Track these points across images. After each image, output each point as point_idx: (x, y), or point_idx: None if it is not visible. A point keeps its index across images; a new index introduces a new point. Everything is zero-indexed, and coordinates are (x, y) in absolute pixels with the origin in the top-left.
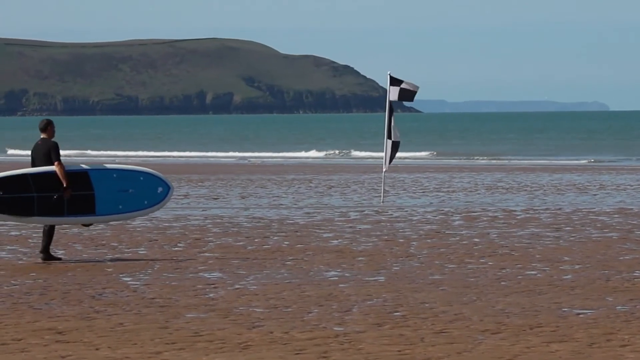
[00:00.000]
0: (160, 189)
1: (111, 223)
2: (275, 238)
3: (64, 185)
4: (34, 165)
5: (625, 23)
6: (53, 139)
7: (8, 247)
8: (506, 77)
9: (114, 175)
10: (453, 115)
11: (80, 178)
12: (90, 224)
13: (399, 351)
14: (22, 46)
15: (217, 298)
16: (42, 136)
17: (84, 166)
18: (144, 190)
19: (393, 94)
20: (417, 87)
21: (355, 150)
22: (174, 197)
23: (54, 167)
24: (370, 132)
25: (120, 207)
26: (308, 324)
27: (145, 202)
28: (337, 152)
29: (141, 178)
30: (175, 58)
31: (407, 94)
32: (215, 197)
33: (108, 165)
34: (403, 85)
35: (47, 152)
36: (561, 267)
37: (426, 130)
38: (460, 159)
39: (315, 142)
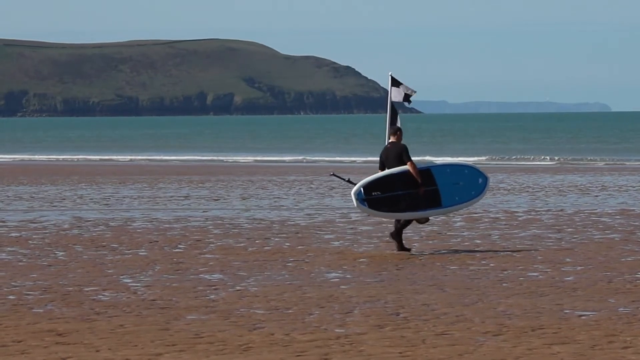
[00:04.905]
0: (480, 180)
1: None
2: (276, 239)
3: (419, 183)
4: (382, 167)
5: (627, 23)
6: (402, 142)
7: (8, 248)
8: (507, 78)
9: (448, 170)
10: (455, 116)
11: (425, 175)
12: (427, 220)
13: (400, 353)
14: (22, 47)
15: (218, 300)
16: (391, 139)
17: (425, 164)
18: (470, 182)
19: (394, 94)
20: (414, 91)
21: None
22: (176, 198)
23: (407, 167)
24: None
25: (457, 198)
26: (309, 326)
27: (472, 193)
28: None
29: (466, 171)
30: (176, 59)
31: (405, 97)
32: (216, 198)
33: (440, 162)
34: (401, 88)
35: (398, 153)
36: (563, 268)
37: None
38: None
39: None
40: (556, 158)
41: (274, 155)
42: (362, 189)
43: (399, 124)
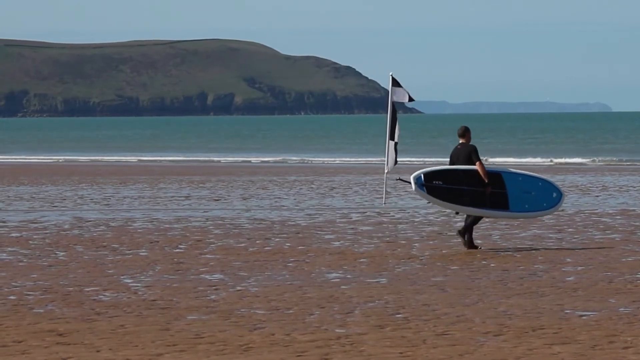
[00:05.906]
0: (554, 194)
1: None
2: (277, 239)
3: (486, 182)
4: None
5: (627, 23)
6: (471, 143)
7: (9, 248)
8: (507, 78)
9: (520, 179)
10: (455, 116)
11: (495, 178)
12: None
13: (401, 353)
14: (22, 47)
15: (219, 300)
16: (460, 141)
17: (497, 168)
18: (543, 194)
19: (395, 95)
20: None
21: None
22: (176, 198)
23: (475, 167)
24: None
25: (526, 206)
26: (310, 326)
27: (544, 205)
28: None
29: (540, 183)
30: (176, 59)
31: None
32: (217, 198)
33: (513, 170)
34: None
35: (468, 154)
36: (564, 268)
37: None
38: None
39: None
40: (556, 159)
41: (265, 156)
42: (422, 175)
43: (397, 125)
